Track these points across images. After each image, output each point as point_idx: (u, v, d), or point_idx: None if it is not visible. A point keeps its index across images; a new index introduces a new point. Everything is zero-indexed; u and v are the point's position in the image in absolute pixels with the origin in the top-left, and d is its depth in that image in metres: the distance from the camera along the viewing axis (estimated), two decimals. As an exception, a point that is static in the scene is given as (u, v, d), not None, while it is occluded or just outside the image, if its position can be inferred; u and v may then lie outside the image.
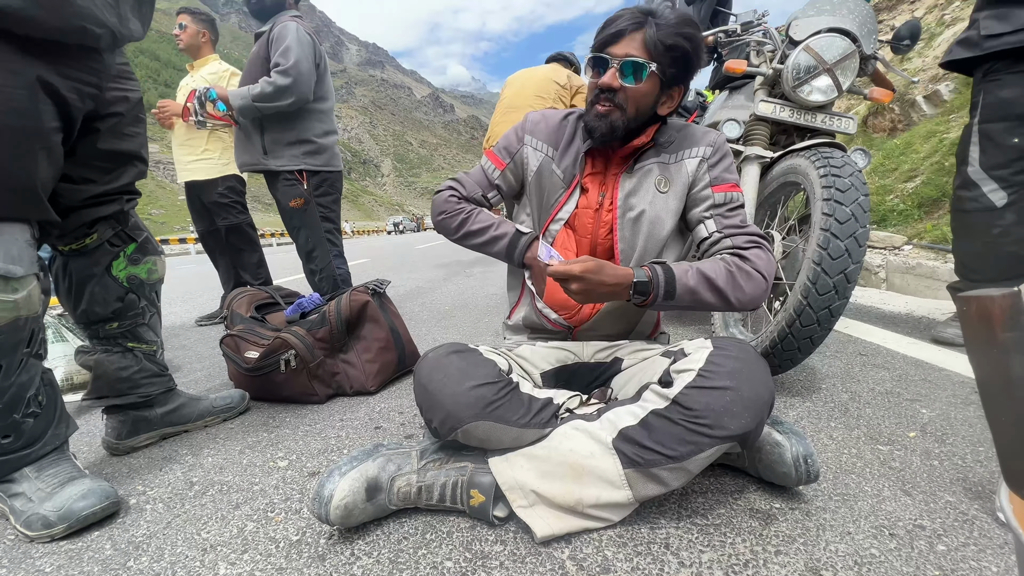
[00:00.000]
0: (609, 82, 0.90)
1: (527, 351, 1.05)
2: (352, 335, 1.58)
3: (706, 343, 0.85)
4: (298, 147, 2.10)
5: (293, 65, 1.93)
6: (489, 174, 1.11)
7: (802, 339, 1.25)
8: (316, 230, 2.19)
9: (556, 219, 1.03)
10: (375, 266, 6.77)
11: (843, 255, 1.17)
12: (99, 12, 0.87)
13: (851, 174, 1.25)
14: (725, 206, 0.98)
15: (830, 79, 1.51)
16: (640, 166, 1.00)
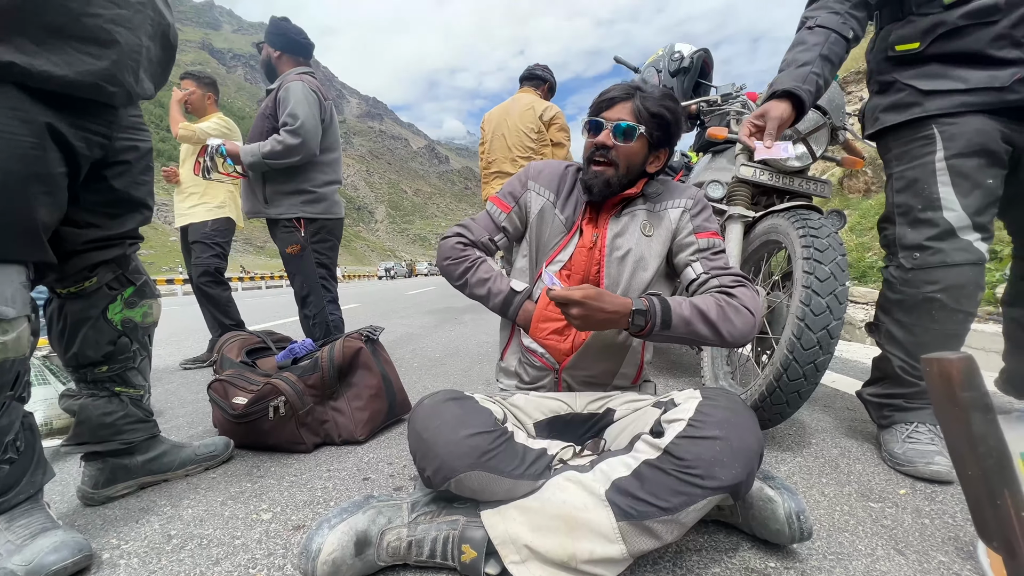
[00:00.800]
0: (604, 140, 1.03)
1: (521, 400, 1.06)
2: (343, 382, 1.57)
3: (695, 393, 0.87)
4: (297, 196, 2.18)
5: (301, 124, 2.03)
6: (495, 218, 1.17)
7: (790, 393, 1.27)
8: (311, 276, 2.24)
9: (556, 260, 1.09)
10: (367, 311, 6.75)
11: (825, 311, 1.22)
12: (117, 72, 0.93)
13: (828, 235, 1.32)
14: (709, 250, 1.07)
15: (805, 147, 1.62)
16: (628, 211, 1.10)
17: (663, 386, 2.10)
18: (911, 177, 1.23)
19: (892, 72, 1.26)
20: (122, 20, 0.92)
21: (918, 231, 1.21)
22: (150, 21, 0.98)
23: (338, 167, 2.36)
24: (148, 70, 1.03)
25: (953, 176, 1.16)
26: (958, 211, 1.15)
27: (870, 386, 1.39)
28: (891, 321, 1.29)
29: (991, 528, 0.51)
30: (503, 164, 3.36)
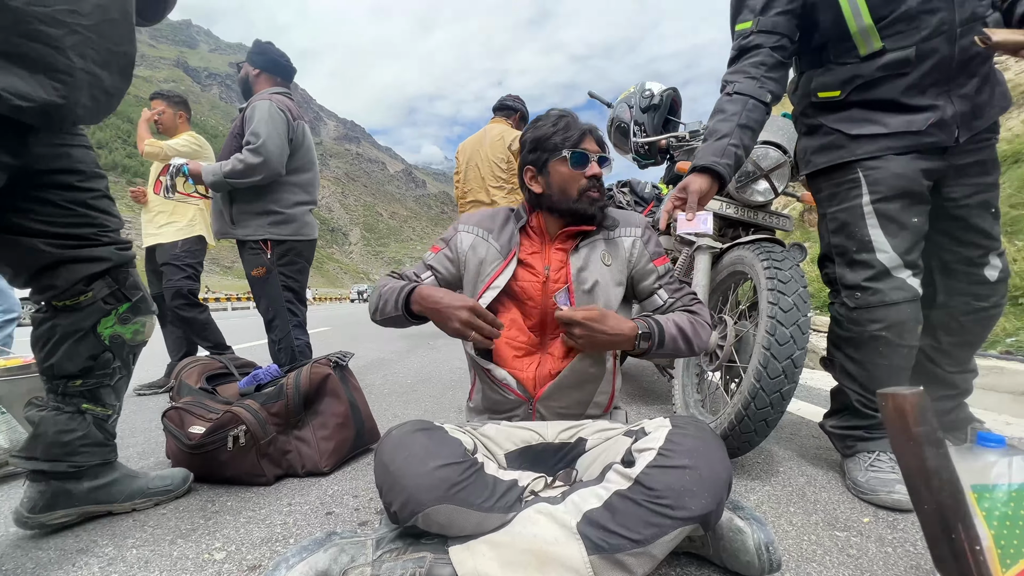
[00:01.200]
0: (599, 172, 1.11)
1: (492, 430, 1.04)
2: (309, 410, 1.52)
3: (665, 422, 0.88)
4: (264, 217, 2.14)
5: (263, 143, 2.01)
6: (425, 259, 1.21)
7: (758, 421, 1.29)
8: (276, 299, 2.18)
9: (492, 287, 1.10)
10: (337, 335, 6.59)
11: (789, 341, 1.26)
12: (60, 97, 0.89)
13: (791, 267, 1.38)
14: (667, 276, 1.18)
15: (767, 183, 1.70)
16: (586, 243, 1.15)
17: (635, 414, 2.11)
18: (843, 219, 1.29)
19: (818, 116, 1.33)
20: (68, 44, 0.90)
21: (856, 272, 1.26)
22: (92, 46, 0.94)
23: (312, 188, 2.34)
24: (94, 97, 0.99)
25: (880, 219, 1.23)
26: (890, 252, 1.22)
27: (831, 417, 1.43)
28: (843, 357, 1.34)
29: (947, 562, 0.53)
30: (478, 193, 3.41)
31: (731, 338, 1.57)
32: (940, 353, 1.40)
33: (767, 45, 1.26)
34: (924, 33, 1.14)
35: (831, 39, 1.26)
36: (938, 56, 1.14)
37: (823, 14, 1.24)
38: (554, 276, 1.11)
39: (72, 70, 0.89)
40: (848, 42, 1.23)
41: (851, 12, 1.18)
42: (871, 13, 1.17)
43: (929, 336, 1.39)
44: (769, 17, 1.26)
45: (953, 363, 1.41)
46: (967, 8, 1.12)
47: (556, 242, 1.15)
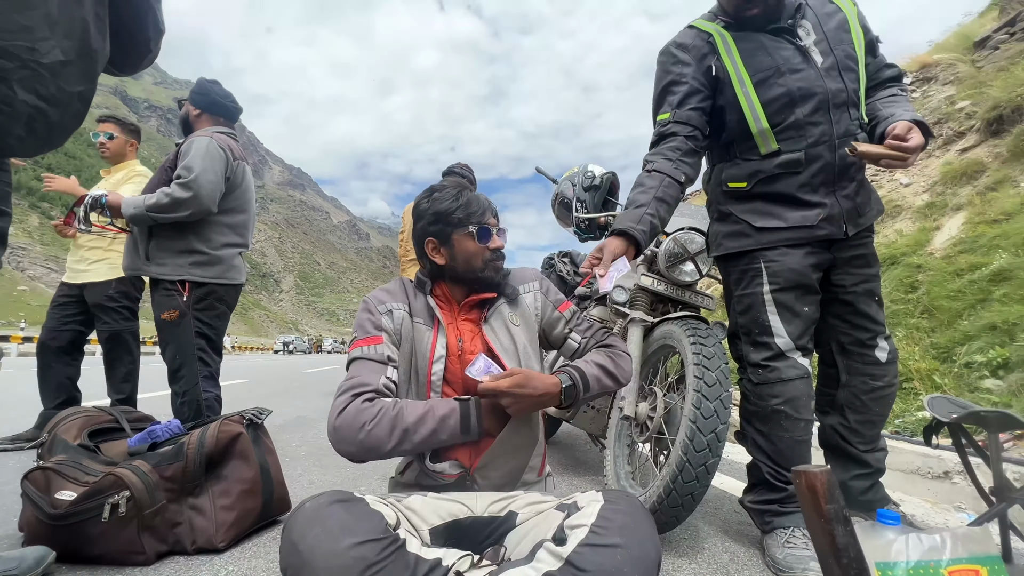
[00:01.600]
0: (502, 244, 1.17)
1: (417, 502, 0.97)
2: (211, 474, 1.35)
3: (597, 496, 0.87)
4: (185, 256, 2.00)
5: (195, 179, 1.90)
6: (378, 355, 1.05)
7: (684, 495, 1.31)
8: (186, 347, 1.98)
9: (436, 359, 1.08)
10: (253, 390, 6.05)
11: (713, 415, 1.32)
12: None
13: (714, 344, 1.48)
14: (573, 318, 1.24)
15: (693, 265, 1.86)
16: (492, 310, 1.17)
17: (567, 485, 2.07)
18: (747, 303, 1.45)
19: (728, 204, 1.50)
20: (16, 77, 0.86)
21: (759, 352, 1.41)
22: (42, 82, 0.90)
23: (244, 230, 2.22)
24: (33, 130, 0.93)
25: (778, 307, 1.39)
26: (785, 337, 1.38)
27: (748, 493, 1.49)
28: (753, 431, 1.45)
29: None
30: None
31: (660, 410, 1.62)
32: (850, 431, 1.52)
33: (682, 134, 1.44)
34: (810, 140, 1.36)
35: (736, 138, 1.46)
36: (823, 161, 1.37)
37: (730, 115, 1.44)
38: (468, 347, 1.11)
39: (12, 101, 0.87)
40: (750, 141, 1.43)
41: (752, 116, 1.39)
42: (768, 119, 1.38)
43: (839, 415, 1.52)
44: (684, 111, 1.44)
45: (863, 441, 1.52)
46: (842, 125, 1.37)
47: (462, 312, 1.16)
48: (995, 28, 6.44)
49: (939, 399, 1.68)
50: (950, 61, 6.88)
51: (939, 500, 2.15)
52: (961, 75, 6.51)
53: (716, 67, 1.43)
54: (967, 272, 4.12)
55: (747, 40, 1.42)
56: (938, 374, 3.57)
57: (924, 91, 6.87)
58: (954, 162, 5.48)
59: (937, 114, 6.19)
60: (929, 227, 5.11)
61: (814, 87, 1.35)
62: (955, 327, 3.80)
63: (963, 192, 5.11)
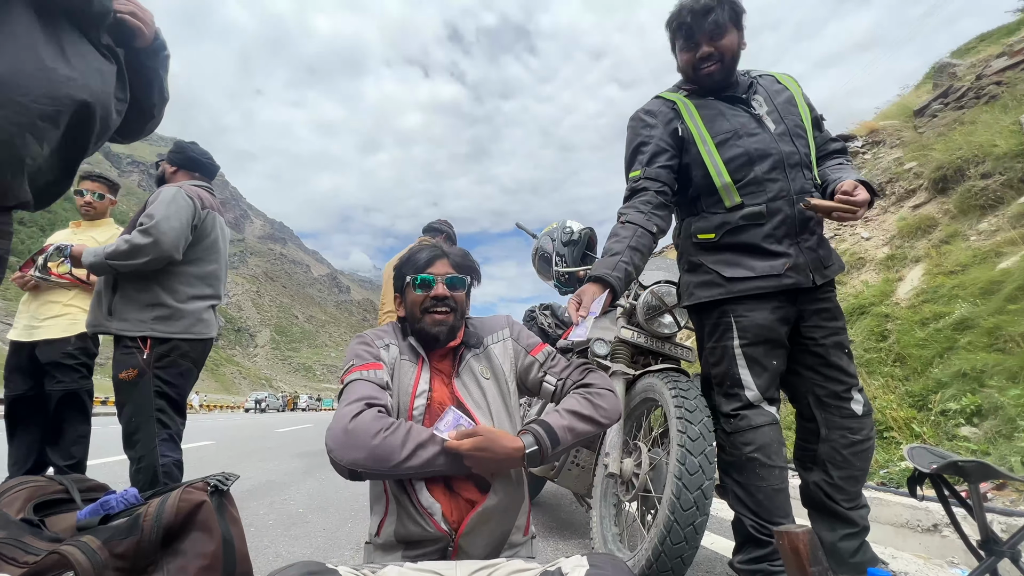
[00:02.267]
0: (443, 292, 1.12)
1: (393, 573, 0.91)
2: (168, 548, 1.24)
3: (582, 561, 0.83)
4: (148, 311, 1.92)
5: (155, 225, 1.87)
6: (378, 380, 1.06)
7: (674, 558, 1.26)
8: (144, 409, 1.87)
9: (419, 393, 1.07)
10: (219, 453, 5.72)
11: (699, 471, 1.30)
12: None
13: (695, 397, 1.48)
14: (548, 360, 1.20)
15: (672, 317, 1.89)
16: (462, 366, 1.15)
17: (552, 549, 1.97)
18: (719, 355, 1.51)
19: (699, 255, 1.57)
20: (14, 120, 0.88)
21: (730, 402, 1.47)
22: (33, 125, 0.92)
23: (215, 281, 2.16)
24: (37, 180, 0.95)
25: (748, 361, 1.45)
26: (754, 390, 1.44)
27: (737, 553, 1.45)
28: (732, 482, 1.45)
29: None
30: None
31: (646, 466, 1.58)
32: (834, 488, 1.49)
33: (652, 188, 1.53)
34: (770, 195, 1.46)
35: (703, 192, 1.56)
36: (783, 214, 1.46)
37: (695, 171, 1.55)
38: (437, 398, 1.09)
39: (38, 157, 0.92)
40: (715, 195, 1.53)
41: (715, 172, 1.50)
42: (730, 175, 1.49)
43: (821, 471, 1.50)
44: (654, 168, 1.55)
45: (847, 498, 1.49)
46: (798, 183, 1.48)
47: (434, 361, 1.15)
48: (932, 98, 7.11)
49: (918, 449, 1.69)
50: (895, 127, 7.52)
51: (931, 555, 2.11)
52: (906, 139, 7.09)
53: (681, 129, 1.56)
54: (932, 321, 4.28)
55: (707, 107, 1.56)
56: (916, 422, 3.61)
57: (875, 153, 7.43)
58: (908, 217, 5.85)
59: (888, 173, 6.67)
60: (892, 278, 5.35)
61: (769, 148, 1.47)
62: (927, 375, 3.89)
63: (919, 245, 5.42)
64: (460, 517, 1.00)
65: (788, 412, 3.99)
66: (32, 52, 0.91)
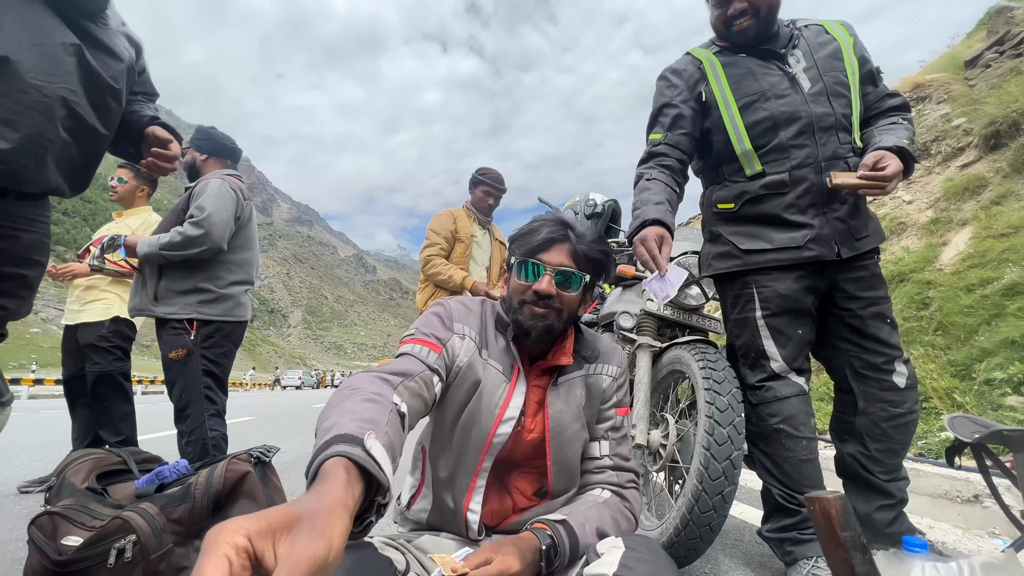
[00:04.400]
0: (547, 289, 0.90)
1: (429, 543, 0.94)
2: (218, 515, 1.33)
3: (618, 542, 0.82)
4: (193, 295, 2.03)
5: (206, 217, 1.97)
6: (425, 358, 0.87)
7: (702, 527, 1.27)
8: (193, 385, 1.99)
9: (505, 419, 0.90)
10: (261, 427, 6.01)
11: (727, 441, 1.29)
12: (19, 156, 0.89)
13: (723, 368, 1.46)
14: (621, 431, 1.03)
15: (699, 288, 1.86)
16: (565, 379, 0.98)
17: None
18: (743, 327, 1.48)
19: (718, 225, 1.54)
20: (33, 105, 0.91)
21: (755, 374, 1.45)
22: (61, 116, 0.96)
23: (250, 267, 2.27)
24: (61, 164, 0.99)
25: (771, 332, 1.42)
26: (780, 361, 1.41)
27: (766, 522, 1.45)
28: (759, 453, 1.45)
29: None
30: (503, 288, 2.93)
31: (673, 437, 1.59)
32: (871, 460, 1.46)
33: (671, 156, 1.50)
34: (794, 163, 1.39)
35: (724, 160, 1.51)
36: (808, 182, 1.38)
37: (716, 137, 1.50)
38: (529, 424, 0.94)
39: (55, 138, 0.94)
40: (736, 163, 1.47)
41: (736, 138, 1.44)
42: (751, 141, 1.42)
43: (858, 442, 1.47)
44: (675, 135, 1.51)
45: (884, 470, 1.46)
46: (829, 148, 1.39)
47: (533, 376, 0.97)
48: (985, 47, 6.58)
49: (960, 419, 1.63)
50: (943, 81, 7.01)
51: (970, 526, 2.06)
52: (954, 94, 6.62)
53: (705, 92, 1.49)
54: (978, 287, 4.07)
55: (735, 66, 1.48)
56: (958, 392, 3.49)
57: (919, 110, 6.97)
58: (955, 178, 5.50)
59: (934, 132, 6.26)
60: (936, 243, 5.09)
61: (798, 111, 1.39)
62: (971, 343, 3.72)
63: (967, 207, 5.11)
64: (500, 520, 0.97)
65: (822, 383, 3.89)
66: (47, 37, 0.94)
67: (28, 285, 1.05)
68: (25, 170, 0.91)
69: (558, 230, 0.94)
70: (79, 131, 1.00)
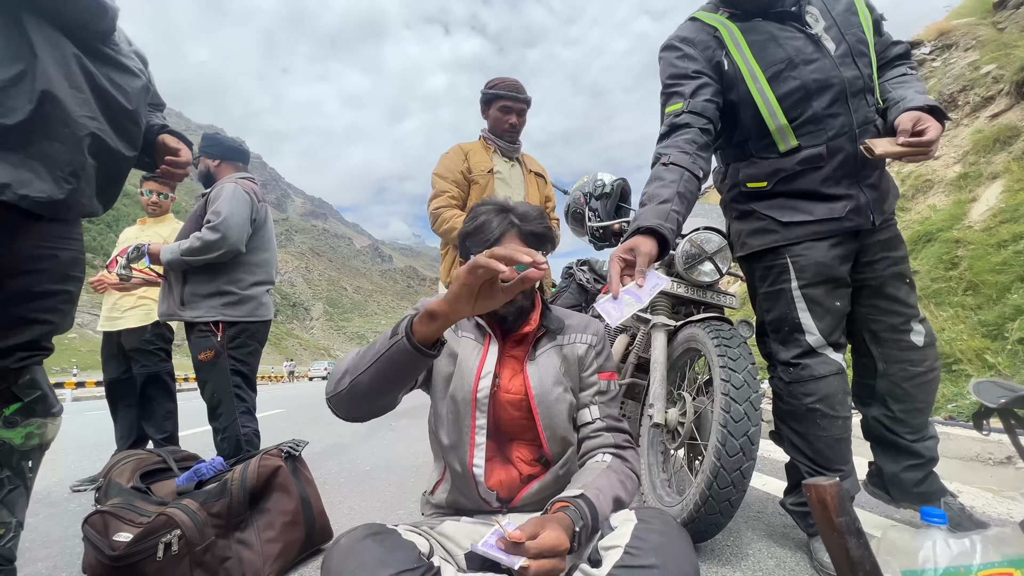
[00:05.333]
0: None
1: (450, 528, 0.98)
2: (254, 508, 1.40)
3: (630, 515, 0.86)
4: (217, 298, 2.10)
5: (223, 221, 2.03)
6: None
7: (722, 502, 1.28)
8: (224, 385, 2.08)
9: (483, 374, 1.01)
10: (291, 419, 6.21)
11: (744, 418, 1.30)
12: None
13: (739, 344, 1.45)
14: (608, 394, 1.09)
15: (712, 264, 1.83)
16: (541, 352, 1.06)
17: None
18: (775, 300, 1.40)
19: (749, 203, 1.44)
20: (68, 138, 0.96)
21: (789, 350, 1.37)
22: (102, 144, 1.01)
23: (270, 268, 2.32)
24: (89, 188, 1.04)
25: (808, 303, 1.34)
26: (816, 334, 1.33)
27: (790, 494, 1.45)
28: (789, 431, 1.40)
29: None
30: None
31: (690, 415, 1.59)
32: (895, 422, 1.44)
33: (696, 126, 1.34)
34: (831, 134, 1.30)
35: (752, 136, 1.40)
36: (844, 153, 1.31)
37: (743, 112, 1.38)
38: (505, 386, 1.03)
39: (85, 167, 0.99)
40: (768, 139, 1.36)
41: (768, 113, 1.33)
42: (785, 114, 1.32)
43: (881, 405, 1.45)
44: (699, 101, 1.35)
45: (910, 431, 1.44)
46: (861, 113, 1.31)
47: (508, 344, 1.07)
48: (1015, -14, 6.18)
49: (985, 384, 1.60)
50: (970, 25, 6.63)
51: (1003, 487, 2.04)
52: (983, 38, 6.25)
53: (727, 62, 1.36)
54: (1011, 243, 3.92)
55: (755, 32, 1.36)
56: (990, 352, 3.40)
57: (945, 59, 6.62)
58: (985, 129, 5.25)
59: (961, 81, 5.95)
60: (964, 199, 4.89)
61: (830, 77, 1.29)
62: (1003, 302, 3.60)
63: (998, 159, 4.88)
64: (514, 493, 1.03)
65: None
66: (78, 72, 0.99)
67: (71, 300, 1.11)
68: (63, 203, 0.96)
69: (504, 220, 1.03)
70: (105, 155, 1.04)
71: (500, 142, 2.29)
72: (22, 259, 1.00)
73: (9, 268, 0.98)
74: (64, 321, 1.11)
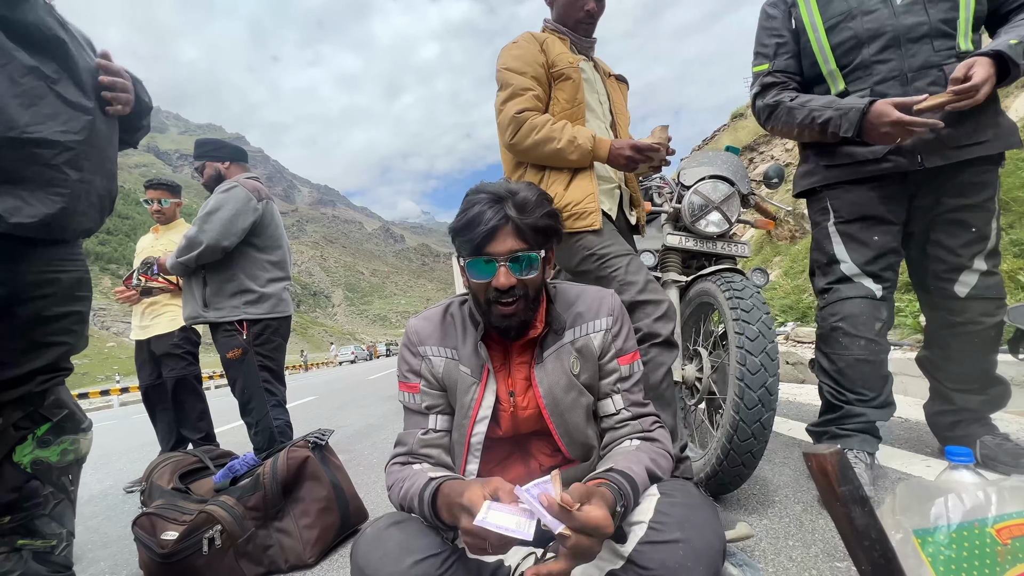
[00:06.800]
0: (506, 283, 0.86)
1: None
2: (289, 498, 1.46)
3: (653, 489, 0.83)
4: (238, 297, 2.14)
5: (203, 217, 2.04)
6: (416, 406, 0.99)
7: (743, 454, 1.28)
8: (253, 381, 2.14)
9: (479, 419, 0.94)
10: (323, 405, 6.41)
11: (760, 370, 1.27)
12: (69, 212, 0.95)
13: (751, 295, 1.41)
14: (630, 379, 0.99)
15: (720, 214, 1.77)
16: (548, 354, 0.96)
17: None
18: (818, 239, 1.55)
19: (808, 148, 1.60)
20: (73, 160, 0.97)
21: (824, 278, 1.53)
22: (85, 157, 1.02)
23: (284, 264, 2.34)
24: (91, 203, 1.05)
25: (843, 237, 1.48)
26: (849, 263, 1.46)
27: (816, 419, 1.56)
28: (820, 355, 1.53)
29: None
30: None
31: (708, 370, 1.58)
32: (934, 367, 1.57)
33: (784, 80, 1.54)
34: (877, 78, 1.38)
35: (811, 81, 1.53)
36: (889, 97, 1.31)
37: (805, 60, 1.53)
38: (521, 403, 0.96)
39: (68, 183, 1.00)
40: (823, 84, 1.49)
41: (822, 59, 1.47)
42: (836, 61, 1.45)
43: (928, 347, 1.59)
44: (782, 60, 1.54)
45: (948, 378, 1.53)
46: (919, 58, 1.34)
47: (515, 353, 0.97)
48: None
49: (1021, 308, 1.55)
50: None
51: (1038, 412, 1.99)
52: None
53: (795, 18, 1.53)
54: (1043, 155, 3.69)
55: None
56: (1023, 274, 3.26)
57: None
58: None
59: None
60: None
61: (883, 27, 1.37)
62: (1036, 219, 3.43)
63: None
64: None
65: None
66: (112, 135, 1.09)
67: (82, 319, 1.13)
68: (62, 228, 0.98)
69: (497, 213, 0.86)
70: (99, 167, 1.07)
71: (574, 35, 1.65)
72: (28, 286, 1.01)
73: (18, 296, 1.00)
74: (79, 341, 1.13)
